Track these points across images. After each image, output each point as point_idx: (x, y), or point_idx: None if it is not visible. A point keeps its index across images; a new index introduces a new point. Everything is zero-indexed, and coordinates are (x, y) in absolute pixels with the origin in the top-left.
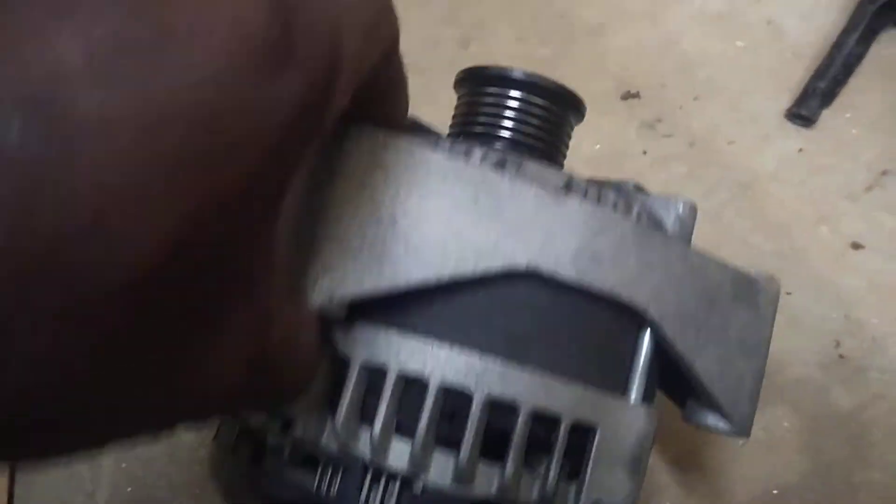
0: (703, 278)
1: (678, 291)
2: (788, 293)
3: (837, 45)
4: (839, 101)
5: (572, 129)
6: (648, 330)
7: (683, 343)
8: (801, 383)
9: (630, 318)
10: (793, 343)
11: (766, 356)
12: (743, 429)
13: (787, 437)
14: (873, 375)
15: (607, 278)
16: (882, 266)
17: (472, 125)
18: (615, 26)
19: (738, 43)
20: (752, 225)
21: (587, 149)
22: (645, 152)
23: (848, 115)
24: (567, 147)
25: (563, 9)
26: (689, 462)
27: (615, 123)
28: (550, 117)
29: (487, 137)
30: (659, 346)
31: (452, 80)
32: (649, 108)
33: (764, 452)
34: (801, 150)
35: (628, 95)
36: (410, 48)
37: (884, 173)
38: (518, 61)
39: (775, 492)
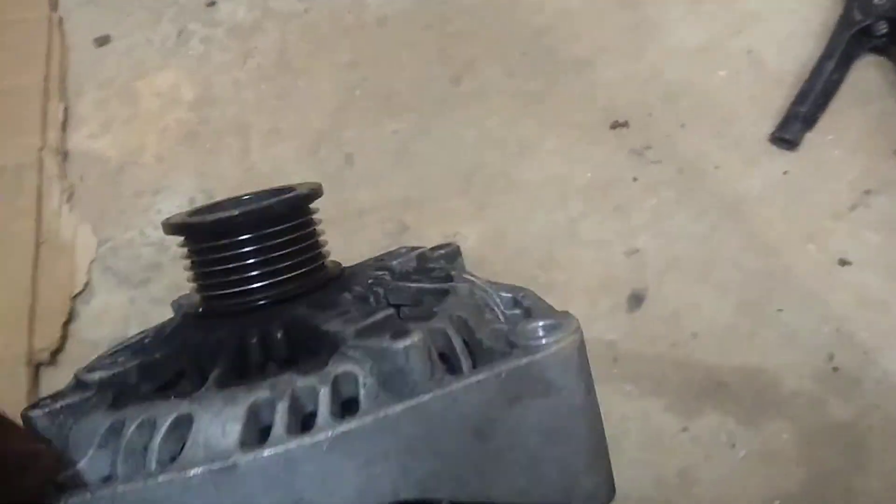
0: (454, 422)
1: (434, 459)
2: (780, 310)
3: (816, 71)
4: (821, 125)
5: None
6: None
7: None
8: (797, 396)
9: None
10: (787, 358)
11: (588, 417)
12: (601, 497)
13: (786, 448)
14: (867, 386)
15: None
16: (869, 281)
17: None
18: (602, 60)
19: (721, 72)
20: (742, 246)
21: (579, 178)
22: (635, 179)
23: (830, 138)
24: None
25: (551, 45)
26: (692, 476)
27: (605, 152)
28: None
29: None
30: None
31: (444, 116)
32: (638, 136)
33: (764, 464)
34: (785, 172)
35: (616, 125)
36: (403, 87)
37: (867, 192)
38: (508, 96)
39: (777, 502)
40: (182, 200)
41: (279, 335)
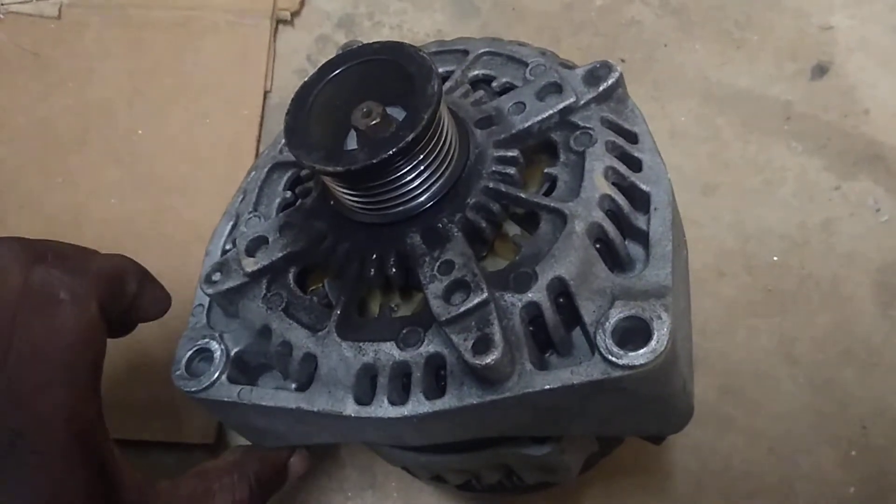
0: (528, 406)
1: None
2: None
3: None
4: None
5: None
6: None
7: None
8: None
9: None
10: None
11: (664, 397)
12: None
13: None
14: None
15: None
16: None
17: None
18: None
19: None
20: None
21: None
22: None
23: None
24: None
25: None
26: (834, 227)
27: None
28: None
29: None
30: None
31: None
32: None
33: None
34: None
35: None
36: None
37: None
38: None
39: None
40: None
41: (392, 261)
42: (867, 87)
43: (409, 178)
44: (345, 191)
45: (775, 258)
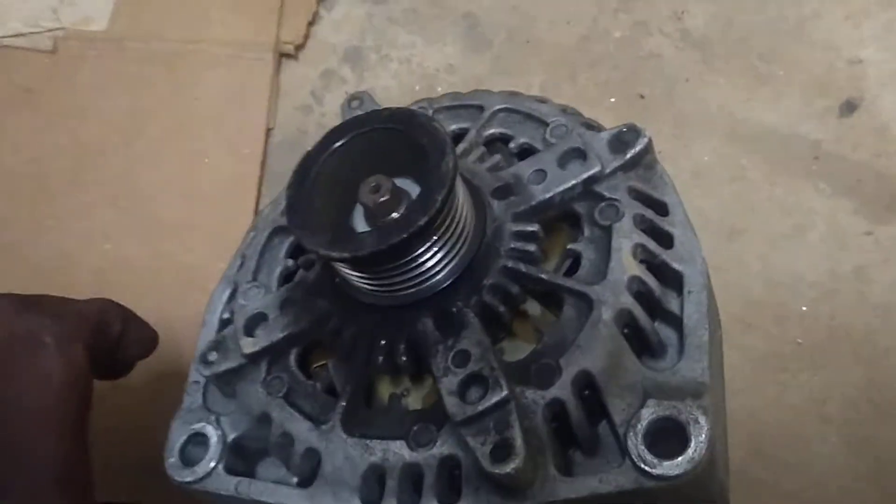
0: None
1: None
2: None
3: None
4: None
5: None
6: None
7: None
8: None
9: None
10: None
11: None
12: None
13: None
14: None
15: None
16: None
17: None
18: None
19: None
20: None
21: None
22: None
23: None
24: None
25: None
26: (867, 274)
27: None
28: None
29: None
30: None
31: None
32: None
33: None
34: None
35: None
36: None
37: None
38: None
39: None
40: None
41: (402, 348)
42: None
43: (421, 260)
44: (351, 272)
45: (804, 308)
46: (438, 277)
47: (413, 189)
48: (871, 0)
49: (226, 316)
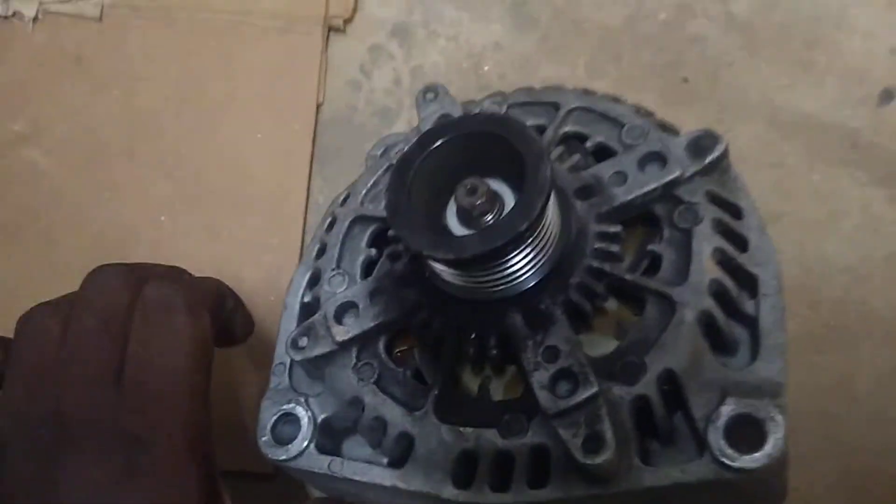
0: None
1: None
2: None
3: None
4: None
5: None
6: None
7: None
8: None
9: None
10: None
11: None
12: None
13: None
14: None
15: None
16: None
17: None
18: None
19: None
20: None
21: None
22: None
23: None
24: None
25: None
26: None
27: None
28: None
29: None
30: None
31: None
32: None
33: None
34: None
35: None
36: None
37: None
38: None
39: None
40: None
41: (492, 342)
42: None
43: (514, 261)
44: (444, 268)
45: (838, 293)
46: (528, 276)
47: (504, 191)
48: None
49: (307, 300)
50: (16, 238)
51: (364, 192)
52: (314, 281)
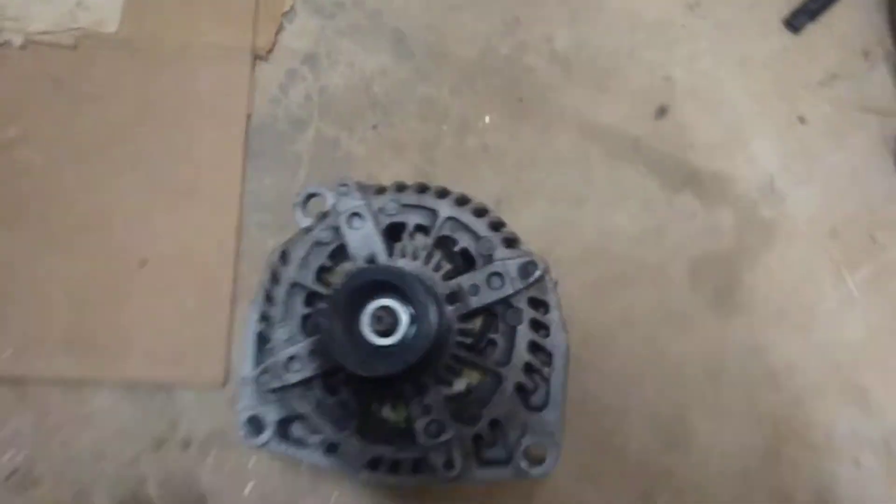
0: None
1: None
2: None
3: None
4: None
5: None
6: None
7: None
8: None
9: None
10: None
11: None
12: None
13: None
14: None
15: None
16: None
17: None
18: None
19: None
20: (740, 87)
21: (647, 15)
22: (683, 26)
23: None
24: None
25: None
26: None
27: (665, 2)
28: None
29: None
30: None
31: None
32: None
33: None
34: (784, 48)
35: None
36: None
37: (833, 76)
38: None
39: None
40: None
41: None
42: (693, 126)
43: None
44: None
45: (623, 251)
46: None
47: (398, 306)
48: (682, 33)
49: (259, 329)
50: (16, 221)
51: (297, 262)
52: (264, 317)
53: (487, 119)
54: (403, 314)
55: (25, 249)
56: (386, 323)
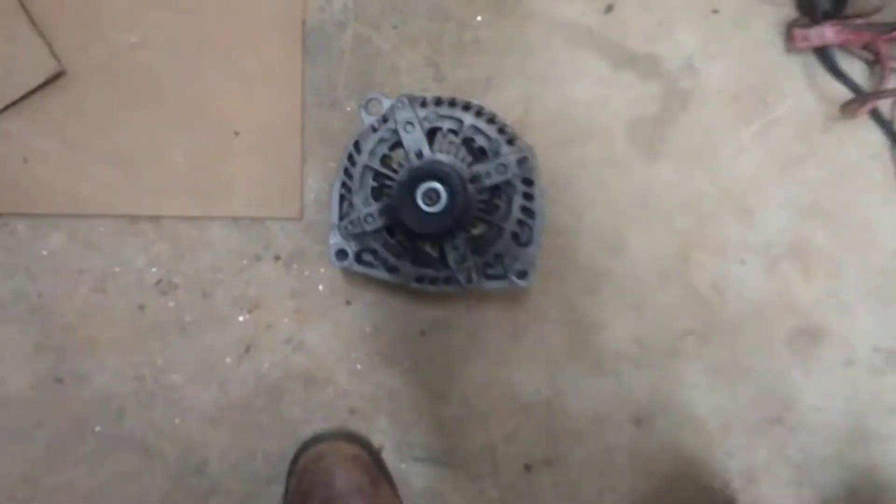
0: None
1: None
2: None
3: None
4: None
5: None
6: None
7: None
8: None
9: None
10: None
11: None
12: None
13: None
14: None
15: None
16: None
17: None
18: None
19: None
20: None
21: None
22: None
23: None
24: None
25: None
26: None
27: None
28: None
29: None
30: None
31: None
32: None
33: None
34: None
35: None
36: None
37: None
38: None
39: None
40: None
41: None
42: (633, 20)
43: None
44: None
45: (579, 116)
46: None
47: (440, 189)
48: None
49: (342, 193)
50: (143, 106)
51: (367, 152)
52: (344, 185)
53: (479, 18)
54: (443, 191)
55: (153, 126)
56: (433, 197)
